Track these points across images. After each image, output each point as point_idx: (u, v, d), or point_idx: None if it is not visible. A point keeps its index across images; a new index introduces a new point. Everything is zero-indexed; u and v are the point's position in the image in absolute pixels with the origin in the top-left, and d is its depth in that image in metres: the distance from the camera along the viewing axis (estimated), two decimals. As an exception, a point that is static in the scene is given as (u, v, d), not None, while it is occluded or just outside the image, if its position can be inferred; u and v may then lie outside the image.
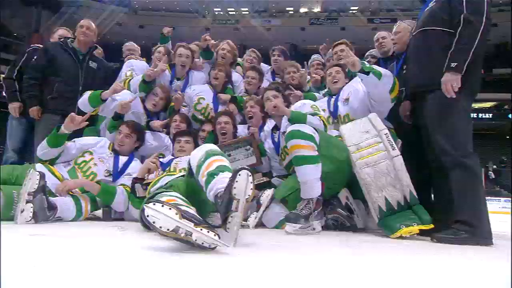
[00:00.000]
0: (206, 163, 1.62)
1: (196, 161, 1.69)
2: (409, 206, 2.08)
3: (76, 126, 2.43)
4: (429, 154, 2.20)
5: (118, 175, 2.49)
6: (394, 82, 2.36)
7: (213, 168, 1.57)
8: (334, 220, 2.29)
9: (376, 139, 2.16)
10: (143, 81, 2.96)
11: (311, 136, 2.10)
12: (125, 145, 2.61)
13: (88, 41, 3.14)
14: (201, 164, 1.64)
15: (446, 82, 1.97)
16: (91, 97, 2.75)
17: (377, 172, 2.07)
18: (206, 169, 1.59)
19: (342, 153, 2.20)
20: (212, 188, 1.50)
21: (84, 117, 2.46)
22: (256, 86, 3.35)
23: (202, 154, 1.68)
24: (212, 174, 1.54)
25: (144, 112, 2.98)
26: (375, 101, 2.44)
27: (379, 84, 2.32)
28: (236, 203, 1.37)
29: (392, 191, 2.06)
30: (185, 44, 3.33)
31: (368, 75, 2.31)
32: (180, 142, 2.68)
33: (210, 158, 1.64)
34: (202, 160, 1.64)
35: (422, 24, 2.20)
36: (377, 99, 2.43)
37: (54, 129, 2.42)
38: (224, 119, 2.86)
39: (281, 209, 2.34)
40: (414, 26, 2.35)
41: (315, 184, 2.09)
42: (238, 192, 1.36)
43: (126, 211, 2.43)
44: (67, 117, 2.43)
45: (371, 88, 2.40)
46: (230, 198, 1.37)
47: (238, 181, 1.37)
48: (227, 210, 1.38)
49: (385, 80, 2.33)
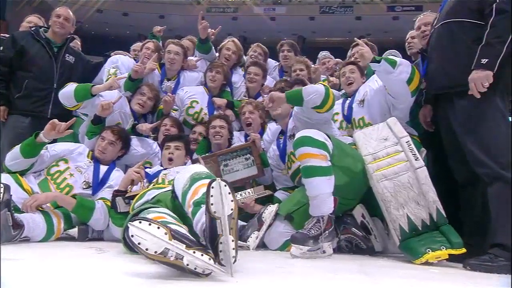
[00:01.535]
0: (191, 191, 1.61)
1: (180, 188, 1.68)
2: (436, 226, 2.07)
3: (58, 134, 2.44)
4: (456, 165, 2.20)
5: (98, 187, 2.49)
6: (412, 70, 2.36)
7: (199, 196, 1.55)
8: (348, 241, 2.28)
9: (396, 147, 2.16)
10: (129, 78, 3.01)
11: (323, 144, 2.11)
12: (108, 153, 2.62)
13: (65, 33, 3.16)
14: (186, 192, 1.63)
15: (475, 81, 1.97)
16: (79, 89, 2.71)
17: (398, 185, 2.07)
18: (191, 197, 1.58)
19: (357, 163, 2.21)
20: (199, 221, 1.47)
21: (68, 123, 2.45)
22: (259, 84, 3.38)
23: (186, 180, 1.68)
24: (198, 203, 1.52)
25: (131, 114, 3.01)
26: (393, 96, 2.45)
27: (394, 73, 2.33)
28: (220, 224, 1.33)
29: (415, 208, 2.06)
30: (176, 40, 3.39)
31: (380, 63, 2.33)
32: (170, 148, 2.70)
33: (196, 184, 1.63)
34: (187, 187, 1.64)
35: (446, 15, 2.21)
36: (394, 92, 2.43)
37: (32, 137, 2.42)
38: (219, 123, 2.88)
39: (286, 227, 2.34)
40: (436, 18, 2.37)
41: (326, 200, 2.09)
42: (217, 208, 1.34)
43: (106, 230, 2.43)
44: (48, 124, 2.42)
45: (385, 79, 2.42)
46: (212, 219, 1.33)
47: (213, 196, 1.35)
48: (214, 237, 1.33)
49: (401, 69, 2.33)
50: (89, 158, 2.62)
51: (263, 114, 3.00)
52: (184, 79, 3.35)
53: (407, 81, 2.34)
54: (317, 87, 2.35)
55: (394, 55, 3.22)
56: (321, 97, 2.29)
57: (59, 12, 3.14)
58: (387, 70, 2.34)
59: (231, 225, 1.34)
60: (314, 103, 2.30)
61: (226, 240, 1.33)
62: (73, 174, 2.49)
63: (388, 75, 2.36)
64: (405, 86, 2.36)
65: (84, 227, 2.42)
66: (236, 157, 2.77)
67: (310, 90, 2.31)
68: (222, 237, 1.33)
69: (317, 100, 2.29)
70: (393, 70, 2.32)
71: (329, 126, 2.54)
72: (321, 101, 2.31)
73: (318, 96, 2.29)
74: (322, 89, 2.32)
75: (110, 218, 2.36)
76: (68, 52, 3.19)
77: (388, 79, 2.39)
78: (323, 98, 2.30)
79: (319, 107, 2.33)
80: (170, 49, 3.27)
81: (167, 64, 3.30)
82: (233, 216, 1.36)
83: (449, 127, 2.17)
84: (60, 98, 2.79)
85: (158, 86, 3.24)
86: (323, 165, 2.08)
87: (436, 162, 2.39)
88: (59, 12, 3.15)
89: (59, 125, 2.41)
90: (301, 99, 2.30)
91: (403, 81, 2.35)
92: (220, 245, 1.33)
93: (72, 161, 2.55)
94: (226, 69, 3.30)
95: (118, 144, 2.66)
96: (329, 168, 2.10)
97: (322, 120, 2.45)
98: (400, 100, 2.44)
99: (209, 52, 3.49)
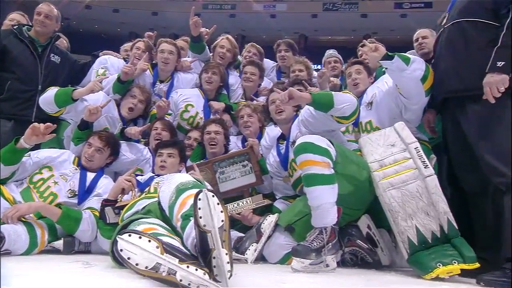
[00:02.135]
0: (178, 203, 1.60)
1: (166, 201, 1.67)
2: (447, 239, 2.06)
3: (39, 139, 2.43)
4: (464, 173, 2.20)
5: (84, 195, 2.49)
6: (426, 68, 2.36)
7: (187, 209, 1.55)
8: (352, 254, 2.28)
9: (404, 154, 2.16)
10: (118, 80, 3.00)
11: (326, 150, 2.11)
12: (95, 161, 2.62)
13: (48, 31, 3.17)
14: (173, 204, 1.62)
15: (490, 85, 1.98)
16: (60, 94, 2.72)
17: (406, 195, 2.07)
18: (179, 210, 1.57)
19: (362, 171, 2.21)
20: (189, 235, 1.46)
21: (47, 125, 2.43)
22: (256, 84, 3.40)
23: (172, 191, 1.67)
24: (187, 216, 1.51)
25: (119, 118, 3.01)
26: (405, 96, 2.45)
27: (408, 70, 2.33)
28: (211, 237, 1.32)
29: (425, 219, 2.05)
30: (169, 39, 3.38)
31: (392, 60, 2.32)
32: (162, 155, 2.69)
33: (182, 195, 1.62)
34: (173, 200, 1.63)
35: (458, 14, 2.22)
36: (407, 92, 2.43)
37: (12, 143, 2.41)
38: (214, 128, 2.88)
39: (287, 239, 2.33)
40: (444, 18, 2.38)
41: (329, 210, 2.08)
42: (206, 221, 1.33)
43: (93, 242, 2.42)
44: (28, 128, 2.40)
45: (398, 77, 2.41)
46: (202, 233, 1.32)
47: (201, 208, 1.34)
48: (206, 251, 1.32)
49: (415, 66, 2.33)
50: (75, 165, 2.62)
51: (262, 117, 3.01)
52: (178, 81, 3.35)
53: (421, 79, 2.34)
54: (350, 96, 2.32)
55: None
56: (352, 108, 2.28)
57: (40, 10, 3.13)
58: (400, 67, 2.34)
59: (223, 237, 1.33)
60: (342, 113, 2.28)
61: (219, 254, 1.31)
62: (58, 182, 2.49)
63: (401, 73, 2.36)
64: (419, 85, 2.36)
65: (70, 239, 2.41)
66: (233, 164, 2.77)
67: (343, 99, 2.27)
68: (215, 252, 1.32)
69: (347, 111, 2.27)
70: (407, 67, 2.32)
71: (337, 134, 2.55)
72: (351, 112, 2.29)
73: (351, 107, 2.27)
74: (354, 100, 2.31)
75: (98, 229, 2.35)
76: (54, 52, 3.20)
77: (401, 76, 2.38)
78: (354, 109, 2.29)
79: (346, 117, 2.31)
80: (163, 49, 3.26)
81: (160, 65, 3.29)
82: (225, 228, 1.35)
83: (458, 133, 2.17)
84: (40, 104, 2.81)
85: (150, 88, 3.24)
86: (326, 173, 2.08)
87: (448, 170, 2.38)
88: (39, 9, 3.13)
89: (39, 127, 2.37)
90: (330, 106, 2.24)
91: (417, 79, 2.34)
92: (213, 260, 1.32)
93: (57, 168, 2.55)
94: (223, 69, 3.30)
95: (106, 150, 2.66)
96: (332, 176, 2.10)
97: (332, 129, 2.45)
98: (413, 100, 2.44)
99: (202, 51, 3.50)
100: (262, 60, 3.74)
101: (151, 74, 3.32)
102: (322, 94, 2.38)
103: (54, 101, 2.71)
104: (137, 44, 3.46)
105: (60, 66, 3.22)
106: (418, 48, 3.18)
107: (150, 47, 3.47)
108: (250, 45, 3.82)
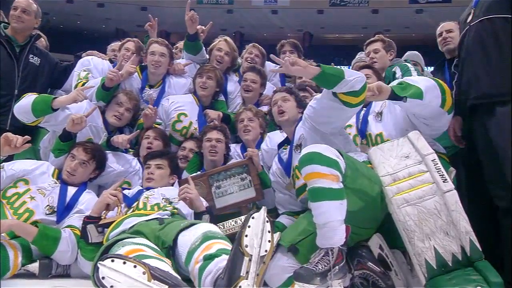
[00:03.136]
0: (202, 247, 1.63)
1: (187, 246, 1.70)
2: (469, 262, 2.05)
3: (13, 150, 2.42)
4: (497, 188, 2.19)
5: (64, 212, 2.48)
6: (442, 90, 2.37)
7: (213, 251, 1.58)
8: (363, 278, 2.25)
9: (419, 167, 2.16)
10: (102, 87, 2.97)
11: (334, 162, 2.10)
12: (78, 175, 2.61)
13: (26, 28, 3.18)
14: (194, 249, 1.65)
15: None
16: (38, 102, 2.71)
17: (423, 212, 2.06)
18: (201, 253, 1.60)
19: (374, 185, 2.20)
20: (212, 270, 1.47)
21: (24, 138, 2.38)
22: (256, 94, 3.39)
23: (197, 236, 1.70)
24: (210, 257, 1.54)
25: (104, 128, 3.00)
26: (423, 121, 2.46)
27: (424, 104, 2.33)
28: (246, 263, 1.31)
29: (444, 239, 2.04)
30: (160, 39, 3.36)
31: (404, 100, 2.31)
32: (150, 167, 2.70)
33: (209, 241, 1.66)
34: (198, 244, 1.66)
35: (488, 10, 2.22)
36: (426, 119, 2.44)
37: None
38: (216, 136, 2.89)
39: (290, 261, 2.31)
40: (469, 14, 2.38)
41: (337, 228, 2.06)
42: (251, 243, 1.32)
43: (73, 264, 2.39)
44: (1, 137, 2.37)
45: (414, 109, 2.43)
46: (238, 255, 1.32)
47: (251, 227, 1.34)
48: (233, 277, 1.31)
49: (430, 97, 2.33)
50: (54, 178, 2.61)
51: (264, 123, 3.02)
52: (169, 86, 3.34)
53: (440, 105, 2.36)
54: (359, 73, 2.32)
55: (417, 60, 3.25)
56: (362, 82, 2.25)
57: (17, 4, 3.14)
58: (414, 103, 2.33)
59: (259, 270, 1.32)
60: (352, 87, 2.24)
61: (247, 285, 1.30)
62: (35, 197, 2.48)
63: (418, 106, 2.37)
64: (439, 110, 2.38)
65: (47, 262, 2.38)
66: (230, 177, 2.78)
67: (353, 72, 2.29)
68: (243, 281, 1.30)
69: (357, 84, 2.24)
70: (422, 102, 2.32)
71: (345, 139, 2.55)
72: (361, 87, 2.26)
73: (361, 80, 2.25)
74: (363, 75, 2.30)
75: (79, 250, 2.33)
76: (33, 53, 3.22)
77: (418, 110, 2.40)
78: (363, 84, 2.27)
79: (356, 93, 2.27)
80: (154, 50, 3.24)
81: (150, 68, 3.25)
82: (265, 260, 1.35)
83: (489, 143, 2.17)
84: (15, 112, 2.80)
85: (138, 94, 3.22)
86: (334, 187, 2.06)
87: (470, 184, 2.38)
88: (16, 3, 3.15)
89: (14, 139, 2.33)
90: (341, 77, 2.20)
91: (436, 107, 2.36)
92: None
93: (34, 181, 2.54)
94: (219, 73, 3.29)
95: (91, 164, 2.65)
96: (341, 191, 2.08)
97: (337, 129, 2.46)
98: (435, 124, 2.46)
99: (198, 52, 3.49)
100: (264, 62, 3.73)
101: (139, 77, 3.30)
102: (333, 67, 2.32)
103: (31, 110, 2.70)
104: (126, 45, 3.44)
105: (39, 68, 3.24)
106: (442, 43, 3.17)
107: (141, 48, 3.45)
108: (251, 46, 3.78)
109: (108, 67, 3.32)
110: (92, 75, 3.27)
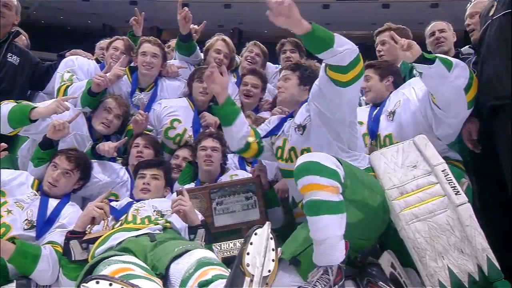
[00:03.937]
0: (197, 274, 1.65)
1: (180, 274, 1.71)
2: (488, 282, 2.04)
3: None
4: None
5: (44, 227, 2.47)
6: (471, 75, 2.36)
7: (208, 277, 1.58)
8: (373, 300, 2.27)
9: (429, 178, 2.15)
10: (88, 92, 2.96)
11: (334, 172, 2.08)
12: (60, 186, 2.61)
13: (6, 24, 3.18)
14: (189, 277, 1.66)
15: None
16: (14, 111, 2.71)
17: (434, 228, 2.06)
18: (196, 279, 1.61)
19: (375, 196, 2.20)
20: None
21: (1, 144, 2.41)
22: (256, 99, 3.40)
23: (192, 263, 1.71)
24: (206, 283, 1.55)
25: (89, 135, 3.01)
26: (441, 108, 2.44)
27: (449, 77, 2.31)
28: (247, 284, 1.32)
29: (458, 258, 2.04)
30: (152, 38, 3.34)
31: (433, 65, 2.29)
32: (145, 177, 2.70)
33: (204, 267, 1.67)
34: (192, 272, 1.67)
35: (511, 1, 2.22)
36: (445, 102, 2.41)
37: None
38: (211, 144, 2.90)
39: (293, 278, 2.26)
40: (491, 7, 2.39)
41: (336, 245, 2.03)
42: (252, 262, 1.32)
43: (54, 285, 2.37)
44: None
45: (435, 85, 2.40)
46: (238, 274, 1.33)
47: (253, 244, 1.34)
48: None
49: (458, 72, 2.32)
50: (34, 189, 2.61)
51: None
52: (162, 89, 3.34)
53: (464, 88, 2.34)
54: (352, 44, 2.24)
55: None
56: (353, 55, 2.19)
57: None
58: (440, 74, 2.31)
59: None
60: (341, 60, 2.18)
61: None
62: (12, 211, 2.47)
63: (441, 80, 2.34)
64: (461, 95, 2.36)
65: (25, 282, 2.35)
66: (234, 193, 2.73)
67: (344, 41, 2.19)
68: None
69: (347, 57, 2.18)
70: (448, 74, 2.31)
71: (352, 132, 2.50)
72: (349, 62, 2.20)
73: (351, 53, 2.18)
74: (356, 47, 2.23)
75: (60, 269, 2.32)
76: (11, 51, 3.22)
77: (440, 85, 2.37)
78: (354, 58, 2.20)
79: (342, 69, 2.21)
80: (146, 50, 3.23)
81: (141, 70, 3.25)
82: (267, 281, 1.35)
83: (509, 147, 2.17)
84: None
85: (127, 98, 3.23)
86: (334, 200, 2.04)
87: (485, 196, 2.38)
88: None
89: None
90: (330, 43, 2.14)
91: (460, 88, 2.35)
92: None
93: (11, 193, 2.54)
94: None
95: (75, 174, 2.66)
96: (341, 204, 2.06)
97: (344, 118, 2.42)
98: (451, 113, 2.44)
99: (192, 53, 3.51)
100: (265, 63, 3.75)
101: (129, 80, 3.30)
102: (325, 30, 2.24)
103: (7, 120, 2.69)
104: (114, 43, 3.44)
105: (18, 68, 3.24)
106: (434, 44, 3.17)
107: (131, 47, 3.44)
108: (252, 44, 3.79)
109: (94, 68, 3.32)
110: (77, 77, 3.24)
